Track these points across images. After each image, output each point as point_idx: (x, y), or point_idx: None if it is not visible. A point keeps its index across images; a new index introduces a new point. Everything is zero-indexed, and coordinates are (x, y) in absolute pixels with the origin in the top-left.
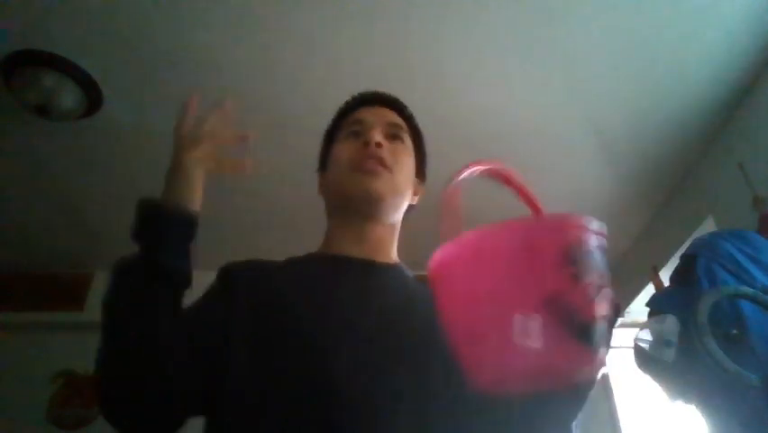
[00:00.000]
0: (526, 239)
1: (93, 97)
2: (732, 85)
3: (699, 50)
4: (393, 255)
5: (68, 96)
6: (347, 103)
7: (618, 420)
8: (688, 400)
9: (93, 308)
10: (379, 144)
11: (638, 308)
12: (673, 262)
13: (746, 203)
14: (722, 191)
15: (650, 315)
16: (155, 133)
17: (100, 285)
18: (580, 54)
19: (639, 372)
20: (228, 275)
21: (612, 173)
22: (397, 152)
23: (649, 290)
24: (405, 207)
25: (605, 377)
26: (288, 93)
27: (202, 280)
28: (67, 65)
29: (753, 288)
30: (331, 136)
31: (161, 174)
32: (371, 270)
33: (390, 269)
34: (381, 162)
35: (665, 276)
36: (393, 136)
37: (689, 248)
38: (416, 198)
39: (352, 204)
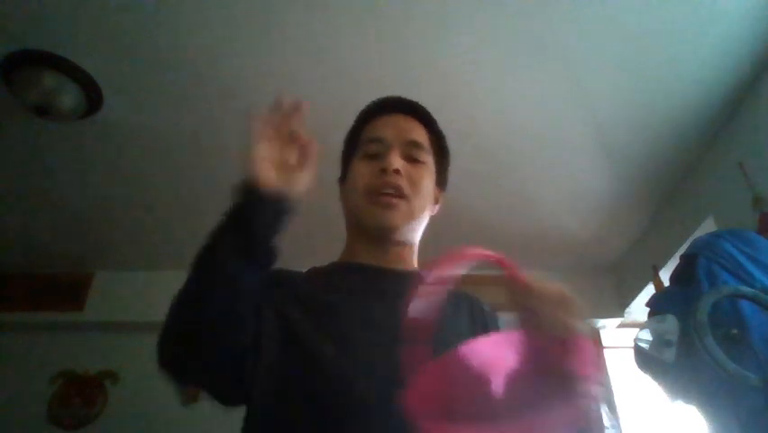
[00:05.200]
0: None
1: (93, 97)
2: (732, 85)
3: (700, 50)
4: (413, 264)
5: (68, 96)
6: (368, 108)
7: (618, 420)
8: (688, 400)
9: (93, 308)
10: (397, 171)
11: (638, 308)
12: (673, 262)
13: (746, 203)
14: (722, 191)
15: (650, 315)
16: (155, 133)
17: (100, 285)
18: (580, 55)
19: (639, 372)
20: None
21: (612, 173)
22: (416, 176)
23: (649, 290)
24: (424, 223)
25: (605, 377)
26: (287, 95)
27: None
28: (67, 65)
29: (753, 288)
30: (351, 143)
31: (161, 174)
32: (392, 276)
33: (410, 275)
34: (398, 192)
35: (665, 276)
36: (413, 158)
37: (689, 248)
38: (437, 207)
39: (368, 230)
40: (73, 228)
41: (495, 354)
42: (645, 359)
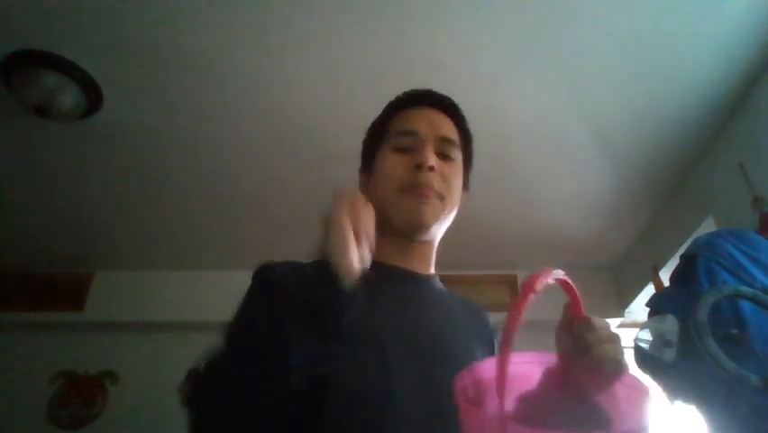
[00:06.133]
0: None
1: (93, 97)
2: (732, 85)
3: (700, 51)
4: (431, 268)
5: (68, 96)
6: (399, 98)
7: None
8: (688, 400)
9: (93, 309)
10: (432, 168)
11: (638, 308)
12: (673, 262)
13: (746, 203)
14: (722, 191)
15: (650, 315)
16: (155, 133)
17: (100, 285)
18: (580, 55)
19: (639, 372)
20: (270, 279)
21: (612, 173)
22: (449, 174)
23: (649, 290)
24: (449, 223)
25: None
26: (287, 95)
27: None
28: (67, 65)
29: (753, 288)
30: (377, 133)
31: (161, 174)
32: (415, 280)
33: (430, 280)
34: (433, 192)
35: (665, 276)
36: (444, 155)
37: (689, 248)
38: (457, 207)
39: (396, 225)
40: (73, 228)
41: (532, 369)
42: (645, 359)
